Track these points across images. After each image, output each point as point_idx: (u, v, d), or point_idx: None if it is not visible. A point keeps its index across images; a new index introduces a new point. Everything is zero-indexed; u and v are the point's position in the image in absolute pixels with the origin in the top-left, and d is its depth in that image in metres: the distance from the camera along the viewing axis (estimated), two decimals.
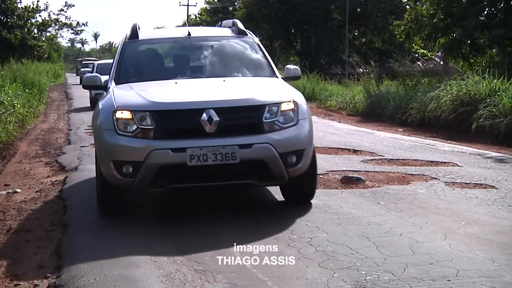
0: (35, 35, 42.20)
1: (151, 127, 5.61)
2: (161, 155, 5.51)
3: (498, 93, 12.83)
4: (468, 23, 20.00)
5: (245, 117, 5.73)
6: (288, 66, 7.19)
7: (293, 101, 5.93)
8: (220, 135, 5.57)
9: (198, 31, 8.24)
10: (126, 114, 5.70)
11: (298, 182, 6.03)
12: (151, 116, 5.62)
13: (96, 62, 26.53)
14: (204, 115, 5.56)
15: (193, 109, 5.65)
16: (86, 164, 9.49)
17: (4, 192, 7.85)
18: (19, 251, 5.30)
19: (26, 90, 22.50)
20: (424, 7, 22.98)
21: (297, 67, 7.20)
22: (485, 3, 20.61)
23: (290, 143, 5.73)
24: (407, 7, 27.03)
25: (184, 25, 38.80)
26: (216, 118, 5.55)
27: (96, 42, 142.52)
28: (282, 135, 5.71)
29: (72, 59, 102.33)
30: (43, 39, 44.11)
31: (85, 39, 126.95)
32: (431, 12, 21.72)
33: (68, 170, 9.23)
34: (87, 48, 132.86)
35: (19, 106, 16.72)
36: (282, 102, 5.84)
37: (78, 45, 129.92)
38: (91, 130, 14.31)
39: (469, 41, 21.31)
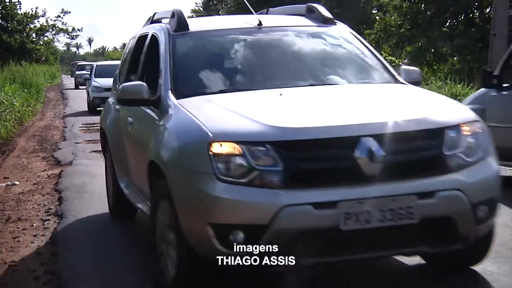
0: (34, 39, 41.94)
1: (278, 168, 3.14)
2: (299, 214, 3.09)
3: (459, 97, 12.95)
4: (432, 33, 20.24)
5: (418, 149, 3.33)
6: (405, 67, 4.67)
7: (478, 122, 3.55)
8: (385, 178, 3.19)
9: (269, 20, 4.99)
10: (231, 148, 3.21)
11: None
12: (276, 151, 3.16)
13: (95, 64, 23.19)
14: (360, 147, 3.16)
15: (343, 137, 3.21)
16: (80, 159, 9.44)
17: (4, 184, 7.77)
18: (17, 239, 5.24)
19: (25, 90, 22.36)
20: (392, 18, 23.19)
21: (417, 69, 4.68)
22: (447, 15, 20.86)
23: (483, 188, 3.40)
24: (377, 17, 27.18)
25: None
26: (379, 151, 3.15)
27: (90, 46, 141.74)
28: (472, 175, 3.34)
29: (68, 62, 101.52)
30: (41, 43, 43.84)
31: (80, 44, 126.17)
32: (399, 22, 21.95)
33: (63, 164, 9.15)
34: (82, 52, 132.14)
35: (18, 104, 16.61)
36: (463, 124, 3.45)
37: (74, 49, 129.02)
38: (86, 128, 14.31)
39: (433, 50, 21.57)
